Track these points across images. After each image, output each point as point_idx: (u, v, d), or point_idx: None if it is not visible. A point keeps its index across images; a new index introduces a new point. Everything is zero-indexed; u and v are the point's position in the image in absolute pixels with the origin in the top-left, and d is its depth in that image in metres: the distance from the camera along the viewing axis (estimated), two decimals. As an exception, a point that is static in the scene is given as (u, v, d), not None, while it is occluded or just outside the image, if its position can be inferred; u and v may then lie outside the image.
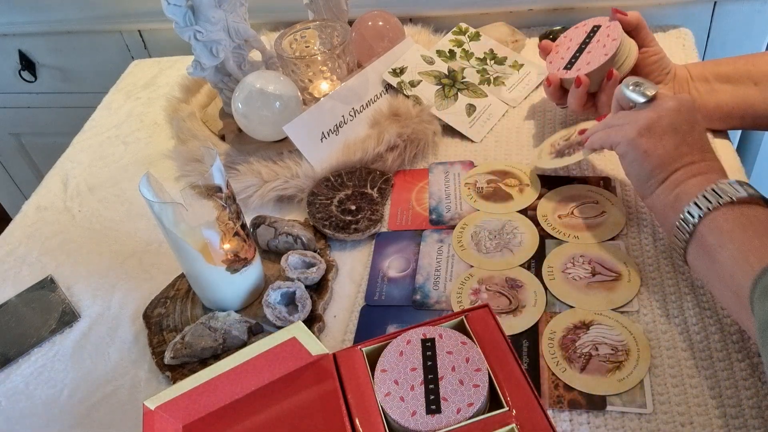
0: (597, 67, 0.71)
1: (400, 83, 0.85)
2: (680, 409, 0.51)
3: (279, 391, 0.54)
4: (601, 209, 0.69)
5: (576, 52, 0.75)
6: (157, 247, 0.77)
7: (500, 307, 0.61)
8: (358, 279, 0.68)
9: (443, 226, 0.71)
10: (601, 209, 0.69)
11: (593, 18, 0.76)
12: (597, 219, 0.68)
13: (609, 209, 0.69)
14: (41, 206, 0.87)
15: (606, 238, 0.66)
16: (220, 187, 0.58)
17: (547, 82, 0.76)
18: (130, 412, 0.60)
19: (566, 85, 0.75)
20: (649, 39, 0.73)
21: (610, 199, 0.70)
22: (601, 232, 0.66)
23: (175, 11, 0.74)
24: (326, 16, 0.90)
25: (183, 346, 0.60)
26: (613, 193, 0.71)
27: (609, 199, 0.70)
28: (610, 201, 0.70)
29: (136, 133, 0.97)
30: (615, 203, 0.69)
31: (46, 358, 0.66)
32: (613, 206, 0.69)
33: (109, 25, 1.19)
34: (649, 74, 0.72)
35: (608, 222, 0.67)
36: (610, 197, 0.70)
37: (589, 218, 0.68)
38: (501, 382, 0.49)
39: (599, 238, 0.66)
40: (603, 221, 0.68)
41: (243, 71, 0.84)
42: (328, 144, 0.79)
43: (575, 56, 0.74)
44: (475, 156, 0.80)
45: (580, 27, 0.77)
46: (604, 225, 0.67)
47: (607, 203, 0.70)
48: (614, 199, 0.70)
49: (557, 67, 0.75)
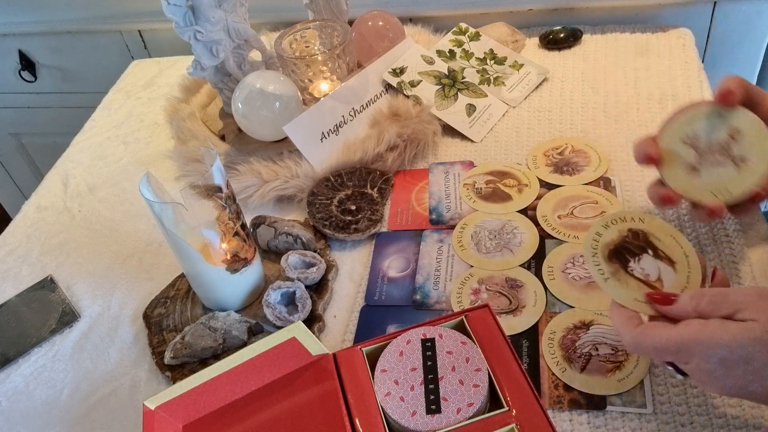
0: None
1: (400, 83, 0.85)
2: (680, 409, 0.51)
3: (279, 391, 0.54)
4: (601, 209, 0.69)
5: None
6: (157, 247, 0.77)
7: (500, 307, 0.61)
8: (358, 279, 0.68)
9: (443, 226, 0.71)
10: (601, 209, 0.69)
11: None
12: (597, 219, 0.68)
13: (609, 209, 0.69)
14: (41, 206, 0.87)
15: (606, 238, 0.66)
16: (220, 187, 0.58)
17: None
18: (130, 412, 0.60)
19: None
20: (762, 94, 0.56)
21: (610, 199, 0.70)
22: (601, 232, 0.66)
23: (175, 11, 0.74)
24: (326, 16, 0.90)
25: (183, 346, 0.60)
26: (613, 193, 0.71)
27: (609, 199, 0.70)
28: (610, 201, 0.70)
29: (136, 133, 0.97)
30: (615, 203, 0.69)
31: (46, 358, 0.66)
32: (613, 206, 0.69)
33: (109, 25, 1.19)
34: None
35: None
36: (610, 197, 0.70)
37: (589, 218, 0.68)
38: (501, 382, 0.49)
39: (599, 238, 0.66)
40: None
41: (243, 71, 0.84)
42: (328, 144, 0.79)
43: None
44: (474, 156, 0.80)
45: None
46: (604, 225, 0.67)
47: (607, 203, 0.70)
48: (614, 199, 0.70)
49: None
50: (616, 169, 0.74)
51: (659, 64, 0.89)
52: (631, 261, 0.51)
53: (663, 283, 0.50)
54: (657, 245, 0.52)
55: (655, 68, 0.88)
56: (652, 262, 0.51)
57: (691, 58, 0.89)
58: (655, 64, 0.89)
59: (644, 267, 0.51)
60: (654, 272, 0.50)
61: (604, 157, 0.75)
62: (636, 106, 0.83)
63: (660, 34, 0.95)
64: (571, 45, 0.96)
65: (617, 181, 0.72)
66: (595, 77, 0.89)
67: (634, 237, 0.52)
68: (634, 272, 0.50)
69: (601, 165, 0.74)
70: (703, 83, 0.85)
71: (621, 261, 0.51)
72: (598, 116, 0.82)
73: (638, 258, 0.51)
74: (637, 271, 0.50)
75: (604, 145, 0.77)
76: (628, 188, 0.71)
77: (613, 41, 0.95)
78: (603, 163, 0.75)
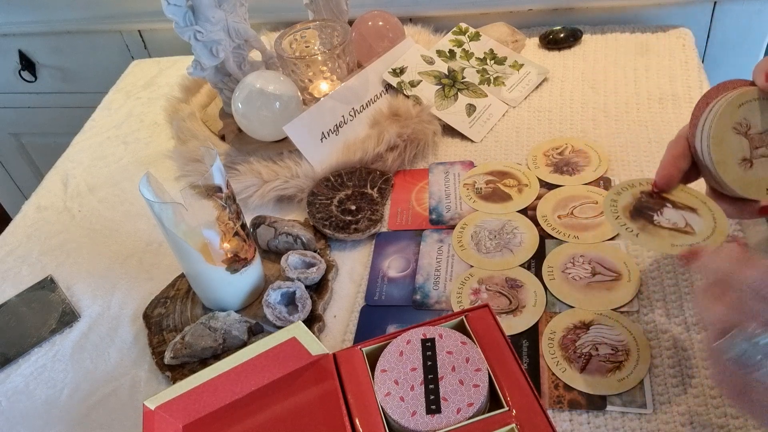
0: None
1: (400, 83, 0.85)
2: (680, 409, 0.51)
3: (279, 391, 0.54)
4: (601, 209, 0.69)
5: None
6: (157, 247, 0.77)
7: (500, 307, 0.61)
8: (358, 279, 0.68)
9: (443, 226, 0.71)
10: (600, 209, 0.69)
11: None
12: (597, 219, 0.68)
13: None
14: (41, 206, 0.87)
15: (606, 238, 0.66)
16: (220, 187, 0.58)
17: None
18: (130, 412, 0.60)
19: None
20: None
21: (610, 199, 0.70)
22: (601, 232, 0.66)
23: (175, 11, 0.74)
24: (326, 16, 0.90)
25: (183, 346, 0.60)
26: (613, 193, 0.71)
27: (609, 199, 0.70)
28: (610, 201, 0.70)
29: (136, 133, 0.97)
30: (615, 203, 0.69)
31: (46, 358, 0.66)
32: (613, 206, 0.69)
33: (109, 25, 1.19)
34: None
35: (608, 222, 0.67)
36: (610, 197, 0.70)
37: (589, 218, 0.68)
38: (501, 382, 0.49)
39: (599, 238, 0.66)
40: (603, 221, 0.68)
41: (243, 71, 0.84)
42: (328, 144, 0.79)
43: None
44: (474, 156, 0.80)
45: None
46: (604, 225, 0.67)
47: (607, 203, 0.70)
48: (614, 199, 0.70)
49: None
50: (616, 169, 0.74)
51: (659, 64, 0.89)
52: (655, 215, 0.50)
53: (693, 228, 0.49)
54: (672, 199, 0.51)
55: (655, 68, 0.88)
56: (675, 213, 0.50)
57: (691, 58, 0.89)
58: (655, 64, 0.89)
59: (669, 218, 0.50)
60: (680, 220, 0.50)
61: (604, 157, 0.75)
62: (636, 106, 0.83)
63: (660, 34, 0.95)
64: (571, 45, 0.96)
65: (617, 180, 0.72)
66: (595, 77, 0.89)
67: (649, 196, 0.52)
68: (661, 224, 0.50)
69: (601, 165, 0.74)
70: (702, 83, 0.85)
71: (645, 217, 0.50)
72: (598, 116, 0.82)
73: (660, 211, 0.50)
74: (663, 222, 0.50)
75: (604, 145, 0.77)
76: (628, 188, 0.71)
77: (613, 41, 0.95)
78: (603, 163, 0.75)
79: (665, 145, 0.54)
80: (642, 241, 0.49)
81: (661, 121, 0.80)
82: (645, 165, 0.74)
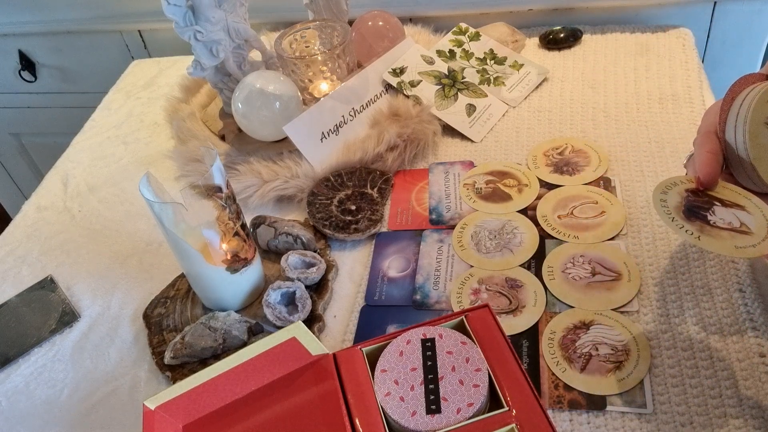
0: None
1: (400, 83, 0.85)
2: (680, 409, 0.51)
3: (279, 391, 0.54)
4: (601, 209, 0.69)
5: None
6: (157, 247, 0.77)
7: (500, 307, 0.61)
8: (358, 279, 0.68)
9: (443, 226, 0.71)
10: (600, 209, 0.69)
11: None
12: (597, 219, 0.68)
13: (609, 209, 0.69)
14: (41, 206, 0.87)
15: (606, 238, 0.66)
16: (220, 187, 0.58)
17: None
18: (130, 412, 0.60)
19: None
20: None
21: (610, 199, 0.70)
22: (601, 232, 0.66)
23: (175, 11, 0.74)
24: (326, 16, 0.90)
25: (183, 346, 0.60)
26: (613, 193, 0.71)
27: (609, 199, 0.70)
28: (610, 201, 0.70)
29: (136, 133, 0.97)
30: (615, 203, 0.69)
31: (46, 358, 0.66)
32: (613, 206, 0.69)
33: (109, 25, 1.19)
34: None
35: (608, 222, 0.67)
36: (609, 197, 0.70)
37: (589, 218, 0.68)
38: (501, 382, 0.49)
39: (599, 238, 0.66)
40: (603, 221, 0.68)
41: (243, 71, 0.84)
42: (328, 144, 0.79)
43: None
44: (474, 156, 0.80)
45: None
46: (604, 225, 0.67)
47: (607, 203, 0.70)
48: (614, 199, 0.70)
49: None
50: (616, 169, 0.74)
51: (659, 64, 0.89)
52: (708, 215, 0.48)
53: (749, 227, 0.47)
54: (719, 197, 0.49)
55: (655, 68, 0.88)
56: (725, 211, 0.48)
57: (691, 58, 0.89)
58: (655, 64, 0.89)
59: (723, 217, 0.48)
60: (734, 219, 0.48)
61: (604, 157, 0.75)
62: (636, 106, 0.83)
63: (660, 34, 0.95)
64: (571, 45, 0.96)
65: (617, 180, 0.72)
66: (595, 77, 0.89)
67: (696, 195, 0.50)
68: (717, 224, 0.48)
69: (601, 165, 0.74)
70: (703, 83, 0.85)
71: (699, 218, 0.48)
72: (598, 116, 0.82)
73: (712, 210, 0.48)
74: (719, 222, 0.48)
75: (604, 145, 0.77)
76: (628, 188, 0.71)
77: (613, 41, 0.95)
78: (603, 163, 0.75)
79: (665, 145, 0.54)
80: (704, 244, 0.46)
81: (661, 121, 0.80)
82: (645, 165, 0.74)
